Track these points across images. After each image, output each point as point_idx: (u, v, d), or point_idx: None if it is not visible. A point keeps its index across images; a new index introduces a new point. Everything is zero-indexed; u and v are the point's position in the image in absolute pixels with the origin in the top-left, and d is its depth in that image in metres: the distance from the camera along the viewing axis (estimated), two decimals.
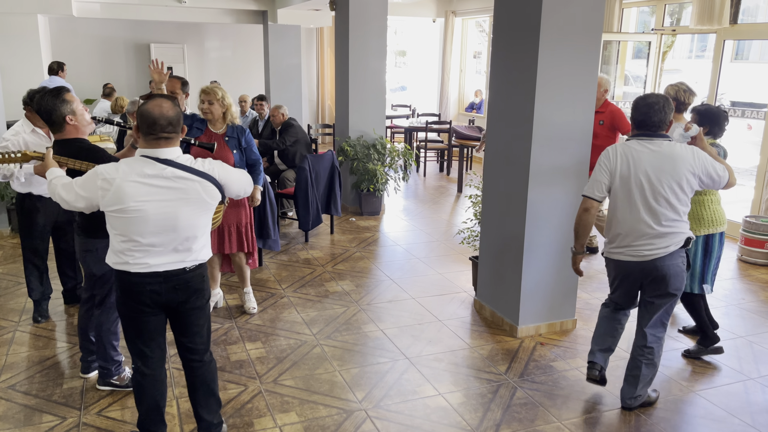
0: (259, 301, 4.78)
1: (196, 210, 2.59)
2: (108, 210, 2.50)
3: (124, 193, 2.45)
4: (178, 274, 2.61)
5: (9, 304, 4.64)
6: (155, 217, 2.49)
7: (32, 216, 4.13)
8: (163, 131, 2.49)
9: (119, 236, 2.53)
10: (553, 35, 3.78)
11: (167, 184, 2.50)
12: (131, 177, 2.47)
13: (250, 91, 10.81)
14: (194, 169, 2.56)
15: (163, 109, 2.49)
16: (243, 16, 11.56)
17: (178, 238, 2.56)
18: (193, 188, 2.55)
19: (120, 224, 2.51)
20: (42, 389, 3.47)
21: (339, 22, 7.49)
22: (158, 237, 2.52)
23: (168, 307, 2.67)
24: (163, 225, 2.51)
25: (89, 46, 12.20)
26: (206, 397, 2.88)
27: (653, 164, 3.08)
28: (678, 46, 16.58)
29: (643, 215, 3.10)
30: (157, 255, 2.55)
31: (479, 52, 13.13)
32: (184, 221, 2.55)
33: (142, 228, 2.49)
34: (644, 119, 3.12)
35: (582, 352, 4.01)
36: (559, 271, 4.23)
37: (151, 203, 2.47)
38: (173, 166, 2.51)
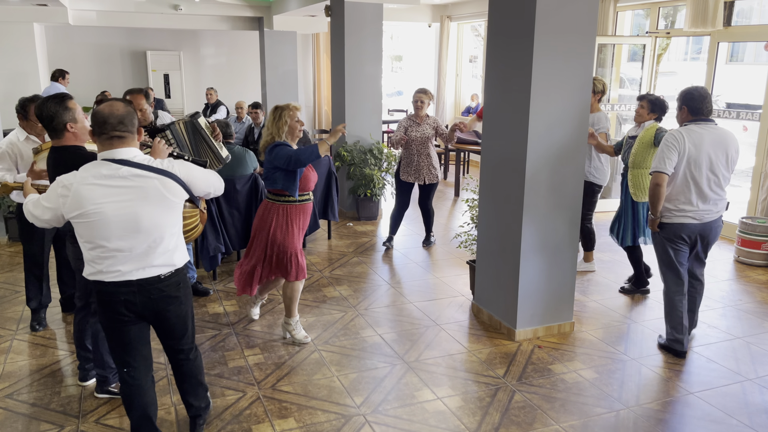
0: None
1: (158, 208, 2.53)
2: (70, 217, 2.46)
3: (81, 196, 2.42)
4: (152, 283, 2.56)
5: (6, 312, 4.63)
6: (116, 218, 2.45)
7: (32, 225, 4.10)
8: (115, 129, 2.46)
9: (87, 244, 2.50)
10: (547, 39, 3.80)
11: (124, 184, 2.46)
12: (88, 180, 2.44)
13: (246, 98, 10.85)
14: (151, 166, 2.52)
15: (113, 108, 2.48)
16: (239, 22, 11.59)
17: (145, 240, 2.51)
18: (152, 185, 2.50)
19: (84, 230, 2.48)
20: (40, 398, 3.47)
21: (335, 28, 7.51)
22: (124, 240, 2.48)
23: (147, 315, 2.64)
24: (126, 226, 2.47)
25: (85, 54, 12.22)
26: (194, 387, 3.00)
27: (713, 144, 3.82)
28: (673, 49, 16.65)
29: (705, 187, 3.83)
30: (127, 261, 2.50)
31: (475, 57, 13.16)
32: (147, 221, 2.50)
33: (105, 231, 2.45)
34: (701, 107, 3.87)
35: (580, 354, 4.02)
36: (556, 275, 4.24)
37: (109, 204, 2.44)
38: (129, 165, 2.47)
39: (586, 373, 3.78)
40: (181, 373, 2.94)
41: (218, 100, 10.81)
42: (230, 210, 5.23)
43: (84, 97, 11.43)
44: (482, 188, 4.48)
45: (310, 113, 14.19)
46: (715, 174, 3.84)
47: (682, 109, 3.96)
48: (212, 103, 10.74)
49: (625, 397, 3.52)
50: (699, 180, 3.82)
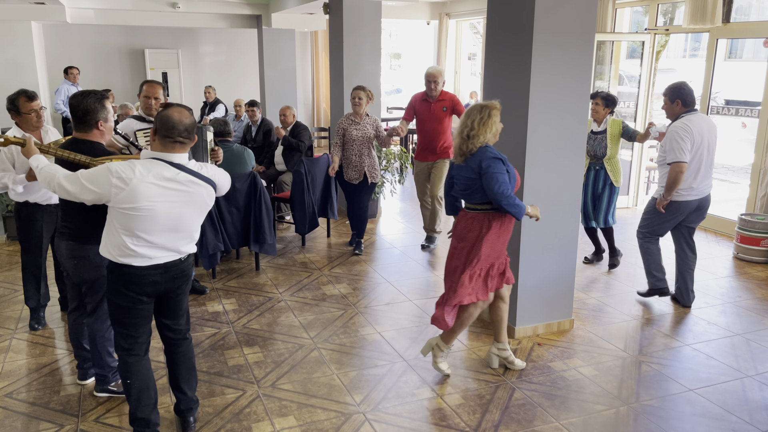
0: (256, 305, 4.78)
1: (198, 212, 2.81)
2: (119, 207, 2.63)
3: (138, 192, 2.60)
4: (176, 265, 2.83)
5: (5, 311, 4.63)
6: (163, 216, 2.67)
7: (30, 224, 4.12)
8: (180, 136, 2.68)
9: (124, 231, 2.67)
10: (546, 36, 3.79)
11: (178, 188, 2.69)
12: (147, 178, 2.62)
13: (245, 96, 10.84)
14: (202, 175, 2.77)
15: (183, 116, 2.69)
16: (237, 20, 11.57)
17: (179, 237, 2.77)
18: (199, 192, 2.76)
19: (129, 221, 2.65)
20: (39, 397, 3.46)
21: (333, 26, 7.50)
22: (162, 235, 2.71)
23: (163, 293, 2.86)
24: (169, 224, 2.70)
25: (84, 52, 12.19)
26: (188, 371, 3.10)
27: (708, 130, 4.41)
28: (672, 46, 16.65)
29: (705, 166, 4.43)
30: (158, 249, 2.74)
31: (474, 54, 13.16)
32: (186, 221, 2.76)
33: (149, 226, 2.66)
34: (692, 99, 4.42)
35: (580, 352, 4.02)
36: (555, 272, 4.24)
37: (161, 204, 2.65)
38: (185, 171, 2.71)
39: (585, 370, 3.78)
40: (177, 354, 3.06)
41: (216, 99, 10.79)
42: (229, 208, 5.22)
43: None
44: None
45: (308, 111, 14.18)
46: (711, 154, 4.45)
47: (675, 102, 4.44)
48: (210, 101, 10.72)
49: (624, 394, 3.52)
50: (704, 162, 4.41)
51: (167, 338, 3.05)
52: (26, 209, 4.09)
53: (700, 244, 6.34)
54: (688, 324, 4.45)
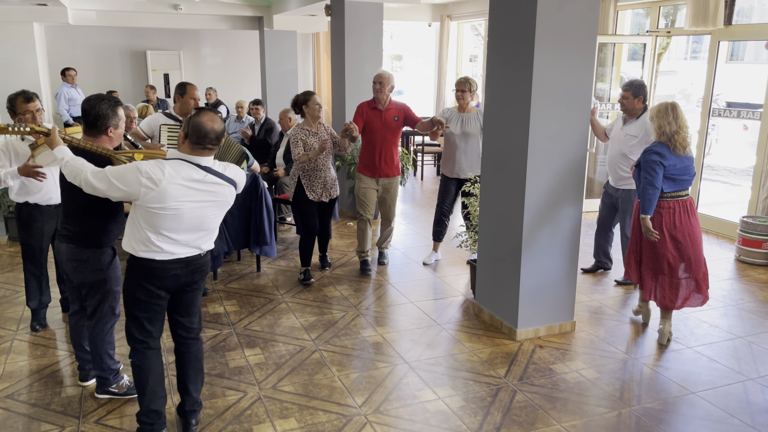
0: (257, 306, 4.77)
1: (220, 211, 2.91)
2: (146, 206, 2.69)
3: (167, 194, 2.67)
4: (196, 259, 2.91)
5: (6, 312, 4.62)
6: (188, 216, 2.75)
7: (31, 225, 4.11)
8: (211, 143, 2.76)
9: (148, 228, 2.74)
10: (548, 38, 3.79)
11: (205, 188, 2.78)
12: (176, 180, 2.69)
13: (246, 97, 10.83)
14: (226, 176, 2.86)
15: (215, 124, 2.76)
16: (239, 22, 11.58)
17: (201, 235, 2.87)
18: (223, 193, 2.86)
19: (155, 219, 2.71)
20: (40, 398, 3.46)
21: (335, 28, 7.50)
22: (187, 234, 2.80)
23: (181, 287, 2.92)
24: (193, 223, 2.79)
25: (85, 54, 12.20)
26: (196, 372, 3.12)
27: None
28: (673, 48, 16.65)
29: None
30: (181, 246, 2.83)
31: (475, 56, 13.16)
32: (210, 220, 2.87)
33: (175, 224, 2.74)
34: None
35: (581, 354, 4.01)
36: (557, 274, 4.23)
37: (187, 204, 2.73)
38: (212, 173, 2.79)
39: (587, 372, 3.78)
40: (187, 355, 3.08)
41: (218, 100, 10.80)
42: (231, 210, 5.20)
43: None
44: (483, 187, 4.47)
45: None
46: None
47: (638, 97, 4.77)
48: (212, 102, 10.73)
49: (626, 396, 3.51)
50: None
51: (179, 337, 3.07)
52: (26, 210, 4.09)
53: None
54: (689, 326, 4.44)
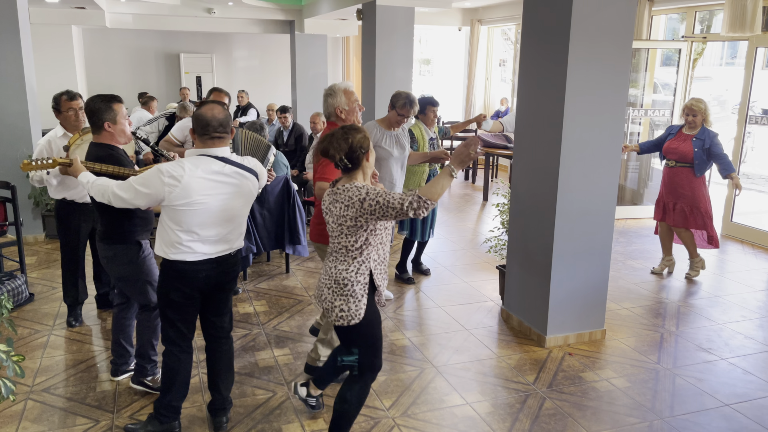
0: (286, 307, 4.82)
1: (246, 202, 2.92)
2: (174, 204, 2.73)
3: (191, 188, 2.71)
4: (227, 259, 2.94)
5: (43, 308, 4.74)
6: (216, 209, 2.78)
7: (69, 221, 4.23)
8: (216, 131, 2.78)
9: (178, 228, 2.78)
10: (583, 42, 3.76)
11: (227, 180, 2.80)
12: (197, 173, 2.73)
13: (276, 100, 10.96)
14: (246, 166, 2.89)
15: (215, 112, 2.79)
16: (271, 26, 11.72)
17: (231, 228, 2.88)
18: (246, 183, 2.88)
19: (183, 216, 2.75)
20: (76, 392, 3.54)
21: (366, 32, 7.54)
22: (217, 228, 2.82)
23: (213, 288, 2.96)
24: (222, 216, 2.82)
25: (121, 56, 12.48)
26: (227, 371, 3.17)
27: None
28: (707, 53, 16.33)
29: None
30: (212, 244, 2.84)
31: (505, 60, 13.09)
32: (238, 212, 2.88)
33: (204, 219, 2.77)
34: None
35: (612, 363, 3.96)
36: (588, 281, 4.19)
37: (213, 197, 2.77)
38: (230, 164, 2.81)
39: (618, 381, 3.73)
40: (219, 353, 3.14)
41: (249, 103, 10.93)
42: (261, 211, 5.28)
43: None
44: (514, 193, 4.45)
45: None
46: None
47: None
48: (243, 105, 10.86)
49: (658, 407, 3.46)
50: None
51: (210, 336, 3.13)
52: (64, 207, 4.21)
53: (737, 255, 6.21)
54: (723, 337, 4.36)
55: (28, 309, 4.71)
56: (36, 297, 4.94)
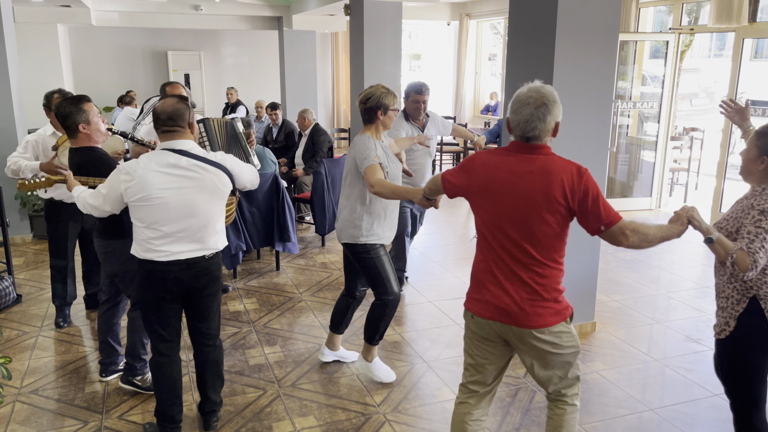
0: (276, 305, 4.80)
1: (212, 197, 2.80)
2: (132, 200, 2.69)
3: (146, 181, 2.66)
4: (198, 262, 2.82)
5: (32, 309, 4.71)
6: (175, 204, 2.70)
7: (57, 221, 4.21)
8: (164, 125, 2.74)
9: (142, 226, 2.73)
10: (569, 36, 3.76)
11: (185, 173, 2.72)
12: (151, 167, 2.68)
13: (266, 97, 10.90)
14: (208, 159, 2.80)
15: (164, 105, 2.75)
16: (258, 22, 11.65)
17: (196, 225, 2.77)
18: (209, 177, 2.77)
19: (144, 213, 2.70)
20: (64, 393, 3.52)
21: (354, 27, 7.52)
22: (179, 224, 2.73)
23: (187, 293, 2.87)
24: (183, 211, 2.72)
25: (108, 54, 12.37)
26: (213, 378, 3.11)
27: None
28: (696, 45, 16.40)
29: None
30: (178, 242, 2.75)
31: (494, 55, 13.09)
32: (201, 208, 2.76)
33: (164, 215, 2.70)
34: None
35: (602, 355, 3.98)
36: (577, 274, 4.19)
37: (171, 191, 2.69)
38: (189, 157, 2.73)
39: (608, 373, 3.74)
40: (205, 361, 3.07)
41: (238, 100, 10.88)
42: (250, 209, 5.26)
43: (107, 96, 11.61)
44: None
45: (329, 112, 14.23)
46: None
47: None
48: (232, 102, 10.81)
49: (648, 398, 3.48)
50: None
51: (196, 342, 3.06)
52: (52, 207, 4.19)
53: None
54: (712, 328, 4.37)
55: (15, 310, 4.68)
56: (24, 298, 4.90)
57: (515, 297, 2.30)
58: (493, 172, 2.33)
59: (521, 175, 2.27)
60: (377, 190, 3.11)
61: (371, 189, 3.14)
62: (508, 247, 2.30)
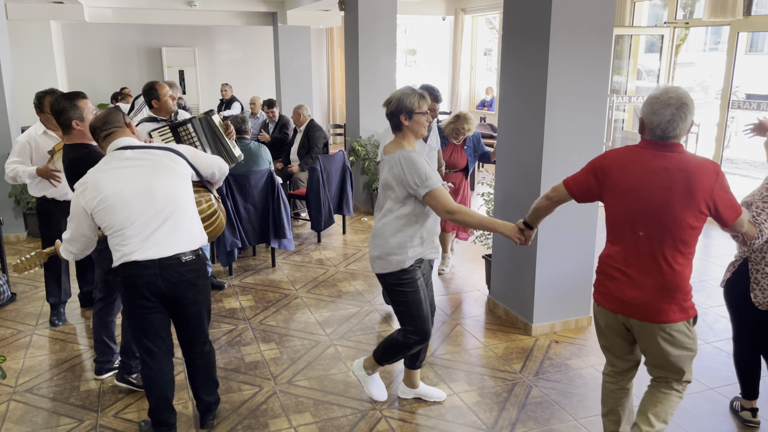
0: (272, 301, 4.79)
1: (169, 179, 2.74)
2: (93, 206, 2.65)
3: (98, 182, 2.65)
4: (173, 266, 2.70)
5: (26, 308, 4.69)
6: (133, 194, 2.65)
7: (48, 219, 4.18)
8: (102, 130, 2.79)
9: (110, 232, 2.70)
10: (563, 31, 3.75)
11: (132, 163, 2.72)
12: (100, 169, 2.71)
13: (261, 93, 10.87)
14: (153, 145, 2.83)
15: (96, 116, 2.84)
16: (253, 18, 11.60)
17: (160, 215, 2.68)
18: (158, 159, 2.76)
19: (107, 215, 2.66)
20: (59, 392, 3.51)
21: (348, 22, 7.49)
22: (142, 216, 2.65)
23: (166, 301, 2.78)
24: (143, 199, 2.66)
25: (102, 50, 12.32)
26: (205, 382, 3.08)
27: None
28: (691, 39, 16.40)
29: None
30: (146, 240, 2.66)
31: (489, 49, 13.08)
32: (159, 192, 2.69)
33: (126, 210, 2.64)
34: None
35: (598, 349, 3.98)
36: (573, 269, 4.20)
37: (124, 183, 2.66)
38: (131, 148, 2.76)
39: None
40: (193, 367, 3.03)
41: (233, 96, 10.85)
42: (246, 205, 5.24)
43: (101, 93, 11.56)
44: (498, 182, 4.44)
45: (324, 108, 14.20)
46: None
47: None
48: (227, 99, 10.78)
49: (642, 392, 3.47)
50: None
51: (185, 350, 3.01)
52: (44, 205, 4.17)
53: (720, 240, 6.26)
54: (708, 321, 4.39)
55: (10, 309, 4.66)
56: (18, 297, 4.88)
57: (644, 291, 2.41)
58: (627, 170, 2.41)
59: (657, 171, 2.35)
60: (461, 218, 2.81)
61: (449, 216, 2.81)
62: (641, 242, 2.40)
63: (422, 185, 2.81)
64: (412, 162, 2.84)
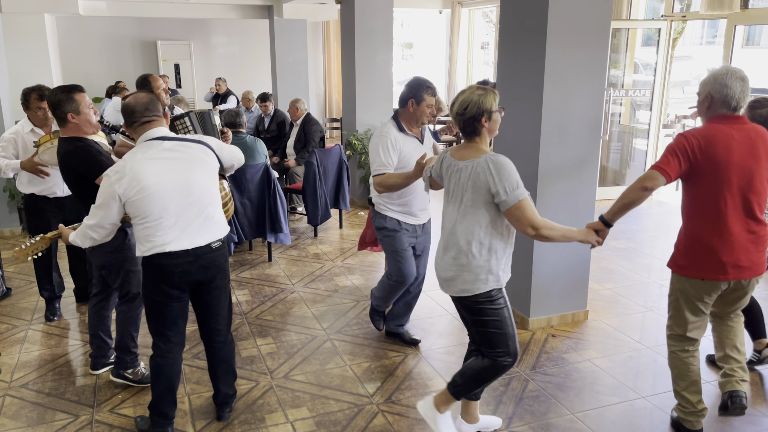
0: (269, 296, 4.78)
1: (204, 172, 2.80)
2: (130, 196, 2.63)
3: (138, 172, 2.63)
4: (205, 252, 2.79)
5: (21, 303, 4.67)
6: (172, 185, 2.67)
7: (38, 215, 4.15)
8: (143, 116, 2.74)
9: (143, 222, 2.68)
10: (560, 25, 3.73)
11: (171, 155, 2.73)
12: (137, 157, 2.68)
13: (257, 87, 10.83)
14: (187, 138, 2.85)
15: (138, 98, 2.77)
16: (249, 11, 11.54)
17: (195, 207, 2.74)
18: (194, 153, 2.79)
19: (144, 205, 2.65)
20: (54, 387, 3.49)
21: (345, 16, 7.45)
22: (178, 208, 2.69)
23: (195, 287, 2.85)
24: (180, 191, 2.70)
25: (96, 44, 12.24)
26: (226, 373, 3.13)
27: None
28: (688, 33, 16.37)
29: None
30: (181, 232, 2.71)
31: (486, 43, 13.04)
32: (196, 184, 2.74)
33: (164, 201, 2.66)
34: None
35: (594, 343, 3.98)
36: (570, 263, 4.19)
37: (164, 174, 2.67)
38: (168, 139, 2.75)
39: (600, 362, 3.75)
40: (216, 358, 3.07)
41: (228, 90, 10.80)
42: (242, 200, 5.22)
43: (96, 87, 11.49)
44: None
45: (320, 102, 14.15)
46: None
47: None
48: (222, 93, 10.73)
49: (640, 386, 3.48)
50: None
51: (207, 339, 3.05)
52: (33, 201, 4.14)
53: None
54: None
55: (5, 304, 4.64)
56: (13, 291, 4.86)
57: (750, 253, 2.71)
58: (719, 146, 2.60)
59: (743, 142, 2.62)
60: (547, 234, 2.53)
61: (536, 231, 2.53)
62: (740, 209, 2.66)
63: (511, 195, 2.50)
64: (503, 167, 2.52)
